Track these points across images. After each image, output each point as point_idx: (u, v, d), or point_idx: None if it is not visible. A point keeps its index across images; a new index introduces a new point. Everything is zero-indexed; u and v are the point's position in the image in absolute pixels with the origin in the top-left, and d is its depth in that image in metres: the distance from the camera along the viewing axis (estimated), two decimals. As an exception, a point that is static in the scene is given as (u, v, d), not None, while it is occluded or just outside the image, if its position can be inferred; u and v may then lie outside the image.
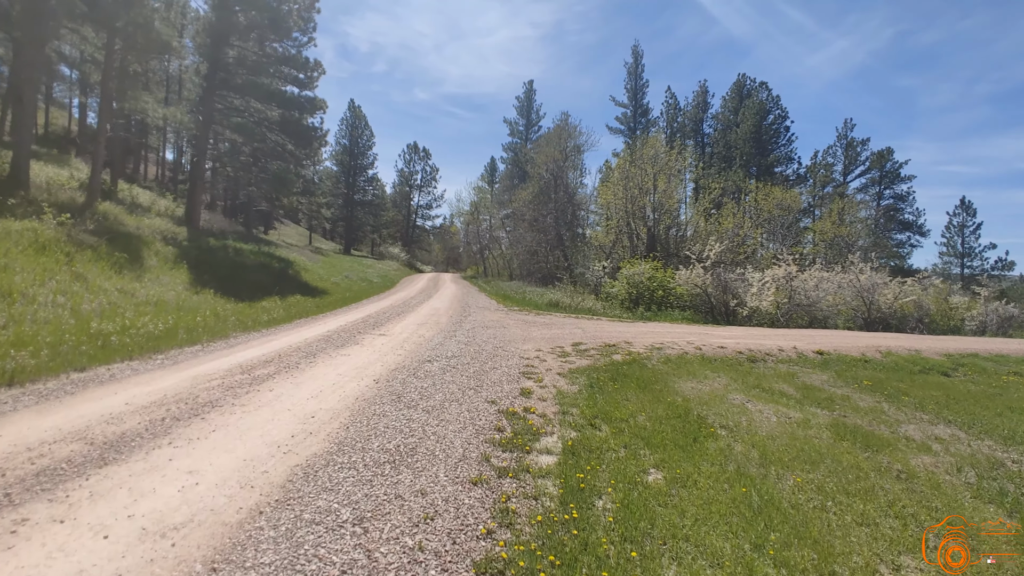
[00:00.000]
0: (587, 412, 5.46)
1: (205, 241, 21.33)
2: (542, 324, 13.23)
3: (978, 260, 39.42)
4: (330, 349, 8.09)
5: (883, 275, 18.79)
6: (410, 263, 53.81)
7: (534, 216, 32.61)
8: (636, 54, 48.68)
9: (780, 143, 44.86)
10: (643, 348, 10.02)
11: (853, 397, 7.91)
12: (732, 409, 6.19)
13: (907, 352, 11.90)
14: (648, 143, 26.69)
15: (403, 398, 5.45)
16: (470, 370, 7.10)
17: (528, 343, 10.03)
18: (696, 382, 7.64)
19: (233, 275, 17.54)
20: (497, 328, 11.97)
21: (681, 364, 8.84)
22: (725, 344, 11.02)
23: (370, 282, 29.46)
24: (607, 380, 7.10)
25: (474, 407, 5.34)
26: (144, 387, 5.38)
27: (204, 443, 3.88)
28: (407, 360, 7.52)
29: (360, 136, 56.34)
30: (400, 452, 3.98)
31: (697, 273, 17.69)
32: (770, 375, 9.04)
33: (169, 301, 12.18)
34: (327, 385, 5.79)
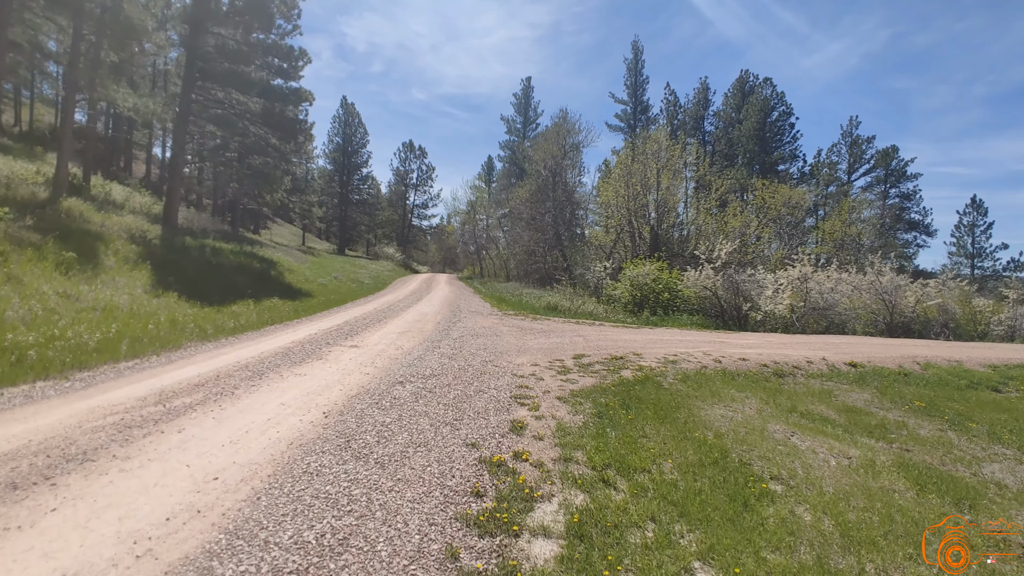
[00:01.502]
0: (597, 458, 4.16)
1: (180, 240, 19.96)
2: (539, 331, 11.93)
3: (989, 261, 38.25)
4: (284, 367, 6.76)
5: (904, 276, 17.56)
6: (406, 263, 52.42)
7: (531, 215, 31.29)
8: (636, 49, 47.41)
9: (784, 140, 43.66)
10: (655, 361, 8.72)
11: (909, 423, 6.63)
12: (777, 448, 4.89)
13: (947, 363, 10.63)
14: (651, 138, 25.41)
15: (354, 442, 4.12)
16: (450, 395, 5.78)
17: (523, 355, 8.72)
18: (724, 407, 6.34)
19: (205, 277, 16.19)
20: (489, 336, 10.65)
21: (702, 382, 7.54)
22: (746, 355, 9.73)
23: (360, 283, 28.15)
24: (618, 406, 5.79)
25: (447, 454, 4.02)
26: (11, 427, 4.06)
27: (13, 541, 2.54)
28: (375, 381, 6.20)
29: (354, 134, 54.96)
30: (321, 549, 2.66)
31: (707, 274, 16.40)
32: (803, 393, 7.76)
33: (121, 306, 10.82)
34: (259, 422, 4.47)
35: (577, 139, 32.32)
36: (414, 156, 61.39)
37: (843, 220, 29.09)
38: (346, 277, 28.83)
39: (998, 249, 37.92)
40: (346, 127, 54.50)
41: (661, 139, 24.62)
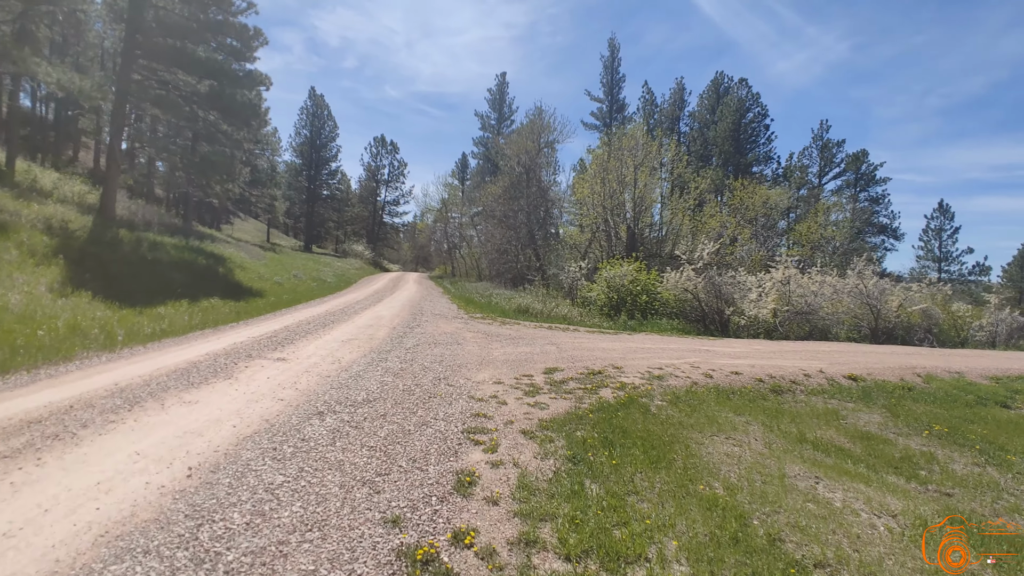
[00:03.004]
0: (572, 539, 2.91)
1: (113, 233, 17.93)
2: (507, 338, 10.66)
3: (956, 264, 38.82)
4: (176, 390, 5.29)
5: (888, 280, 16.98)
6: (375, 262, 50.36)
7: (504, 212, 29.99)
8: (612, 47, 46.59)
9: (760, 142, 43.53)
10: (638, 376, 7.55)
11: (938, 456, 5.61)
12: (807, 508, 3.73)
13: (948, 375, 9.82)
14: (629, 134, 24.45)
15: (206, 529, 2.68)
16: (382, 431, 4.44)
17: (485, 369, 7.43)
18: (725, 439, 5.19)
19: (133, 274, 14.34)
20: (448, 345, 9.32)
21: (694, 404, 6.39)
22: (737, 367, 8.67)
23: (322, 282, 26.37)
24: (598, 444, 4.56)
25: (350, 545, 2.68)
26: None
27: None
28: (286, 412, 4.80)
29: (323, 127, 52.62)
30: None
31: (688, 276, 15.42)
32: (807, 415, 6.71)
33: (11, 307, 9.09)
34: (76, 491, 3.02)
35: (552, 137, 31.16)
36: (385, 151, 59.32)
37: (819, 222, 28.76)
38: (307, 275, 26.99)
39: (964, 253, 38.53)
40: (314, 120, 52.11)
41: (638, 135, 23.68)
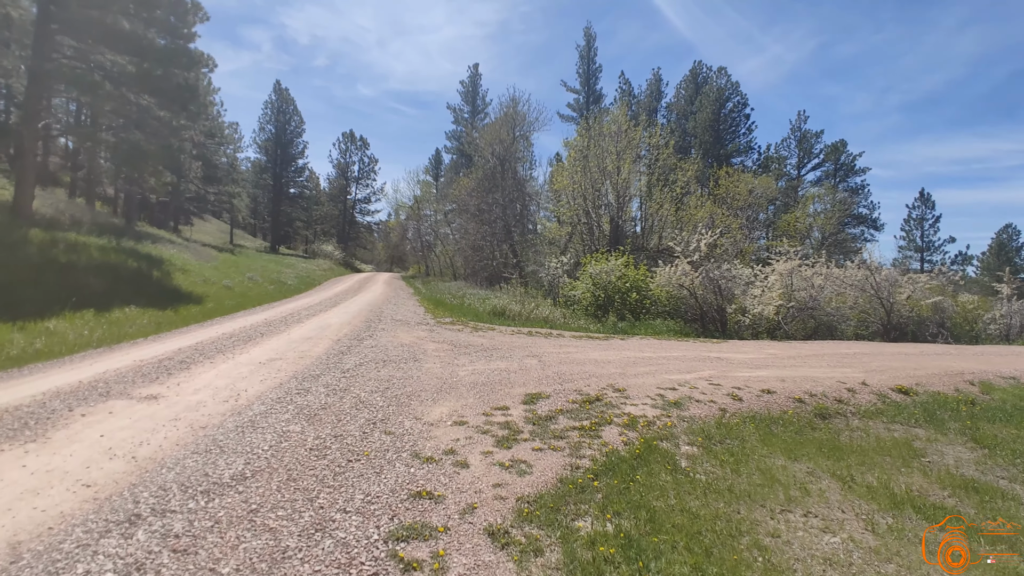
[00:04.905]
0: None
1: (21, 233, 15.42)
2: (478, 350, 8.73)
3: (938, 254, 38.41)
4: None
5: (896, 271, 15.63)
6: (346, 262, 47.70)
7: (479, 206, 28.00)
8: (588, 36, 44.90)
9: (740, 132, 42.45)
10: (648, 402, 5.73)
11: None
12: None
13: (1003, 381, 8.29)
14: (612, 117, 22.75)
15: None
16: (231, 559, 2.50)
17: (444, 400, 5.51)
18: (804, 519, 3.38)
19: (28, 279, 11.93)
20: (401, 364, 7.34)
21: (735, 449, 4.58)
22: (764, 381, 6.94)
23: (281, 284, 23.94)
24: (616, 549, 2.71)
25: None
26: None
27: None
28: (77, 515, 2.81)
29: (288, 122, 49.58)
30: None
31: (683, 271, 13.72)
32: (873, 451, 4.98)
33: None
34: None
35: (527, 128, 29.20)
36: (355, 147, 56.56)
37: (806, 212, 27.62)
38: (264, 278, 24.52)
39: (946, 242, 38.14)
40: (279, 115, 49.05)
41: (620, 119, 22.00)
